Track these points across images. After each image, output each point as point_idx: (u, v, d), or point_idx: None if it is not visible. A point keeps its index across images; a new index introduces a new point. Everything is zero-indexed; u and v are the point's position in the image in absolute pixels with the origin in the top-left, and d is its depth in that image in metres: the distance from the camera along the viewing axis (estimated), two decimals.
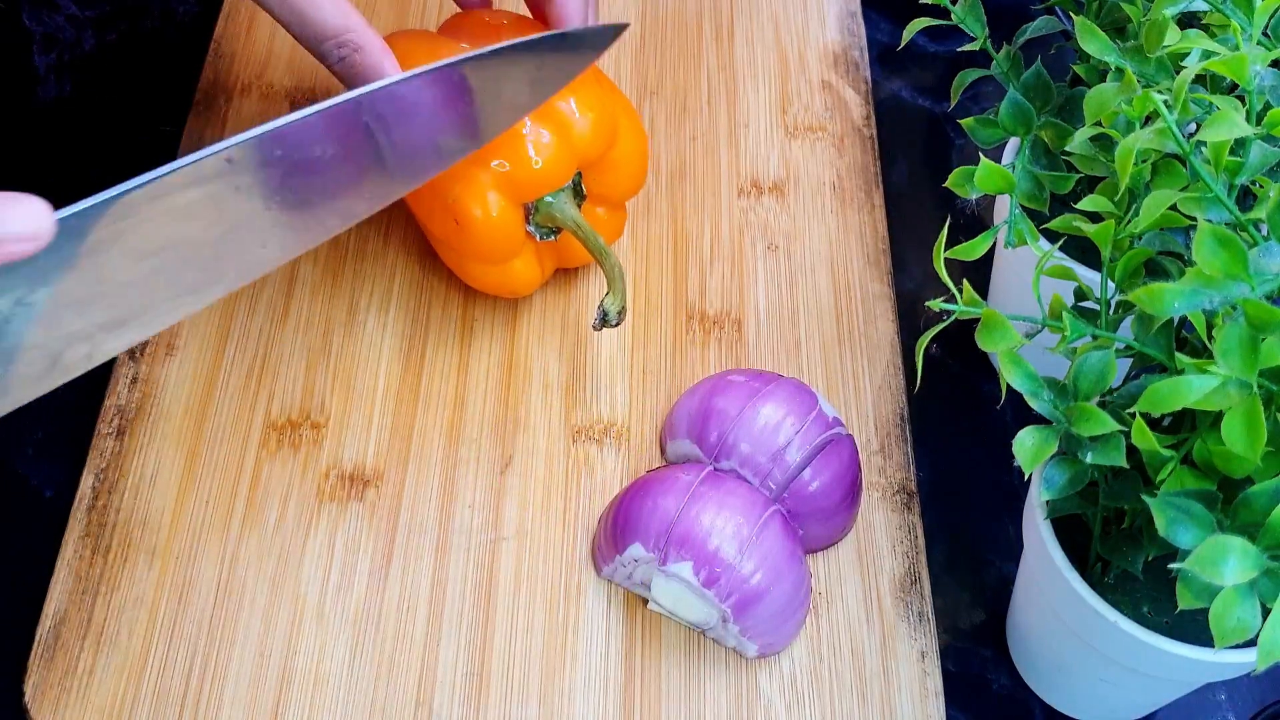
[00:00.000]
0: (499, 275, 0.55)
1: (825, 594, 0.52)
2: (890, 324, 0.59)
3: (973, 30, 0.50)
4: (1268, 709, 0.50)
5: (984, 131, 0.49)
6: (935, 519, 0.55)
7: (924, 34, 0.52)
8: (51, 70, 0.68)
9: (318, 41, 0.48)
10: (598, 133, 0.53)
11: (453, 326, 0.59)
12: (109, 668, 0.49)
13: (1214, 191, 0.38)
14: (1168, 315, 0.35)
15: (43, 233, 0.36)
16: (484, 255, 0.54)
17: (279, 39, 0.68)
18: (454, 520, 0.53)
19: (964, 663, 0.53)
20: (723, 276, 0.61)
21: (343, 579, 0.51)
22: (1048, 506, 0.43)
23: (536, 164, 0.52)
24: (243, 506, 0.53)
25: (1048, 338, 0.41)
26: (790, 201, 0.63)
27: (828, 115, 0.67)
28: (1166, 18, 0.42)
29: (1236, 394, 0.34)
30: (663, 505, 0.49)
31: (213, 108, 0.65)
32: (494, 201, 0.52)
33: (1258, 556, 0.34)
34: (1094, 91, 0.42)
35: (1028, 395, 0.39)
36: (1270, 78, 0.42)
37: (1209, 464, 0.38)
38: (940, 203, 0.66)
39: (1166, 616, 0.43)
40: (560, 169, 0.53)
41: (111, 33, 0.69)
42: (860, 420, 0.56)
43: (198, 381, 0.56)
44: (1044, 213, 0.48)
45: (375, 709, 0.49)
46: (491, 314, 0.59)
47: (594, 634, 0.51)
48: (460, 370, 0.57)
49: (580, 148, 0.53)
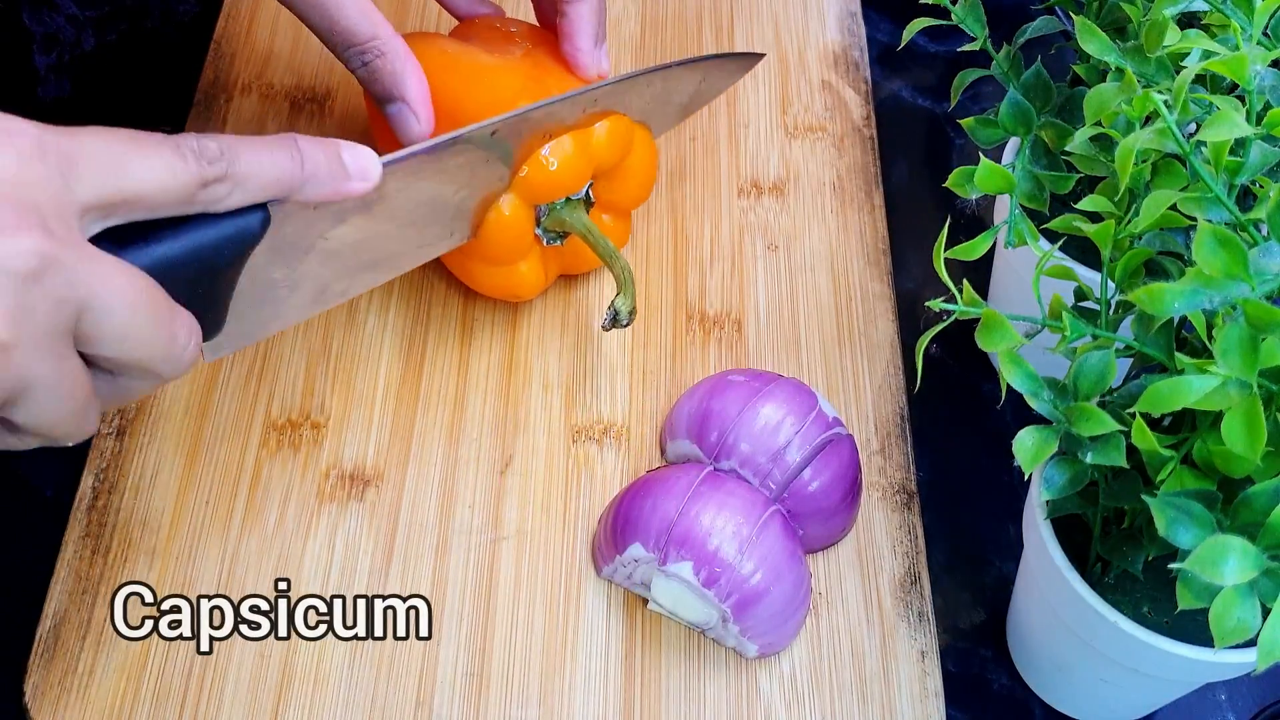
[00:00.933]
0: (504, 278, 0.55)
1: (825, 594, 0.52)
2: (890, 324, 0.59)
3: (973, 30, 0.50)
4: (1268, 709, 0.50)
5: (984, 131, 0.49)
6: (935, 519, 0.55)
7: (924, 34, 0.52)
8: (51, 70, 0.68)
9: (344, 48, 0.49)
10: (614, 141, 0.54)
11: (453, 326, 0.59)
12: (109, 668, 0.49)
13: (1214, 191, 0.38)
14: (1168, 315, 0.35)
15: (376, 177, 0.44)
16: (492, 256, 0.54)
17: (279, 39, 0.68)
18: (454, 520, 0.53)
19: (964, 663, 0.53)
20: (723, 277, 0.61)
21: (343, 579, 0.51)
22: (1048, 506, 0.43)
23: (552, 167, 0.52)
24: (243, 506, 0.53)
25: (1048, 338, 0.41)
26: (790, 201, 0.63)
27: (828, 115, 0.67)
28: (1166, 18, 0.42)
29: (1236, 394, 0.34)
30: (663, 505, 0.49)
31: (213, 108, 0.65)
32: (508, 202, 0.52)
33: (1258, 556, 0.34)
34: (1094, 91, 0.42)
35: (1028, 395, 0.39)
36: (1270, 78, 0.42)
37: (1209, 464, 0.38)
38: (940, 203, 0.66)
39: (1166, 616, 0.43)
40: (576, 175, 0.53)
41: (111, 33, 0.69)
42: (860, 420, 0.56)
43: (198, 381, 0.56)
44: (1044, 213, 0.48)
45: (375, 709, 0.49)
46: (491, 314, 0.59)
47: (594, 634, 0.51)
48: (460, 370, 0.57)
49: (597, 155, 0.53)
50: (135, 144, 0.36)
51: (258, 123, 0.65)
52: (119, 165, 0.36)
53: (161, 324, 0.37)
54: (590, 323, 0.59)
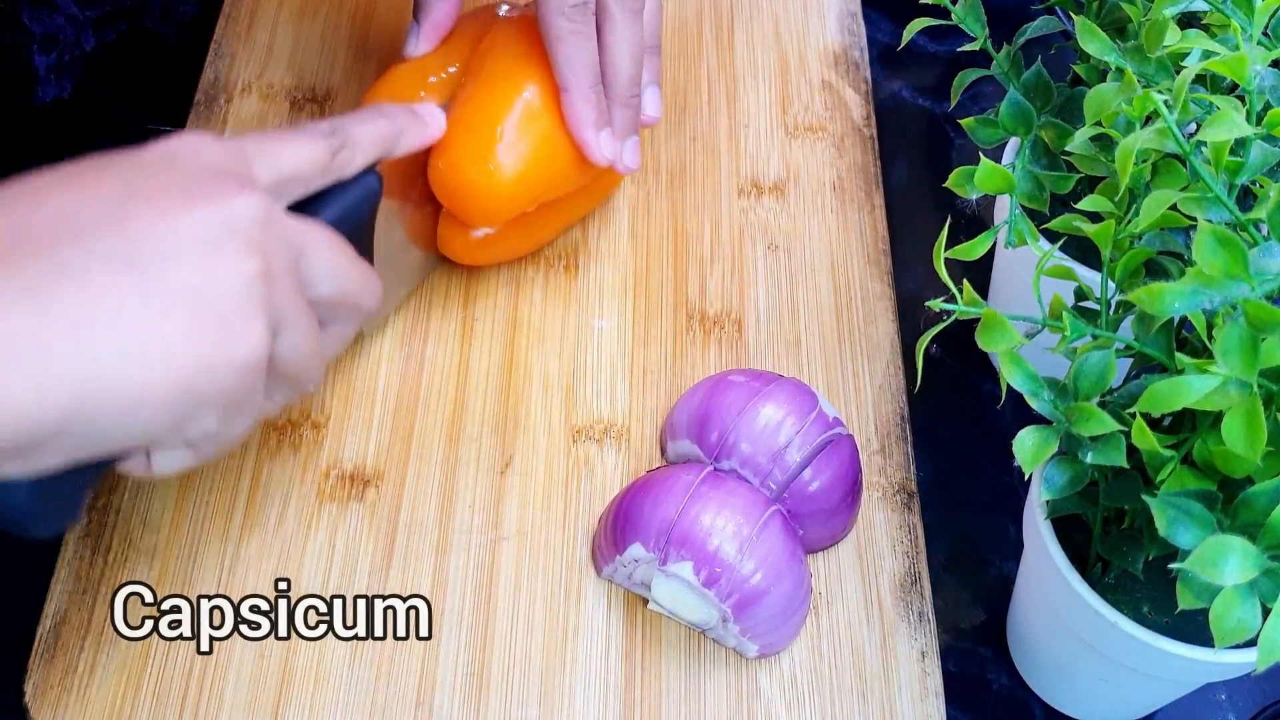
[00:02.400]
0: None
1: (825, 594, 0.52)
2: (890, 324, 0.59)
3: (973, 30, 0.50)
4: (1268, 709, 0.50)
5: (984, 131, 0.49)
6: (935, 519, 0.55)
7: (924, 34, 0.52)
8: (51, 70, 0.68)
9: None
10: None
11: (453, 327, 0.59)
12: (109, 668, 0.49)
13: (1214, 191, 0.38)
14: (1168, 315, 0.35)
15: (443, 123, 0.52)
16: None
17: (279, 39, 0.68)
18: (454, 520, 0.53)
19: (964, 663, 0.53)
20: (723, 276, 0.61)
21: (343, 579, 0.51)
22: (1048, 506, 0.43)
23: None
24: (243, 506, 0.53)
25: (1048, 338, 0.41)
26: (790, 201, 0.63)
27: (828, 115, 0.67)
28: (1166, 18, 0.42)
29: (1236, 394, 0.34)
30: (663, 505, 0.49)
31: (213, 108, 0.65)
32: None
33: (1258, 556, 0.34)
34: (1094, 91, 0.42)
35: (1028, 395, 0.39)
36: (1270, 78, 0.42)
37: (1209, 464, 0.38)
38: (940, 203, 0.66)
39: (1166, 616, 0.43)
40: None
41: (111, 33, 0.69)
42: (860, 420, 0.56)
43: None
44: (1044, 213, 0.48)
45: (375, 709, 0.49)
46: (491, 314, 0.59)
47: (594, 634, 0.51)
48: (460, 370, 0.57)
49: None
50: (278, 138, 0.44)
51: (258, 123, 0.65)
52: (275, 154, 0.43)
53: (355, 260, 0.45)
54: (590, 322, 0.59)
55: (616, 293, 0.60)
